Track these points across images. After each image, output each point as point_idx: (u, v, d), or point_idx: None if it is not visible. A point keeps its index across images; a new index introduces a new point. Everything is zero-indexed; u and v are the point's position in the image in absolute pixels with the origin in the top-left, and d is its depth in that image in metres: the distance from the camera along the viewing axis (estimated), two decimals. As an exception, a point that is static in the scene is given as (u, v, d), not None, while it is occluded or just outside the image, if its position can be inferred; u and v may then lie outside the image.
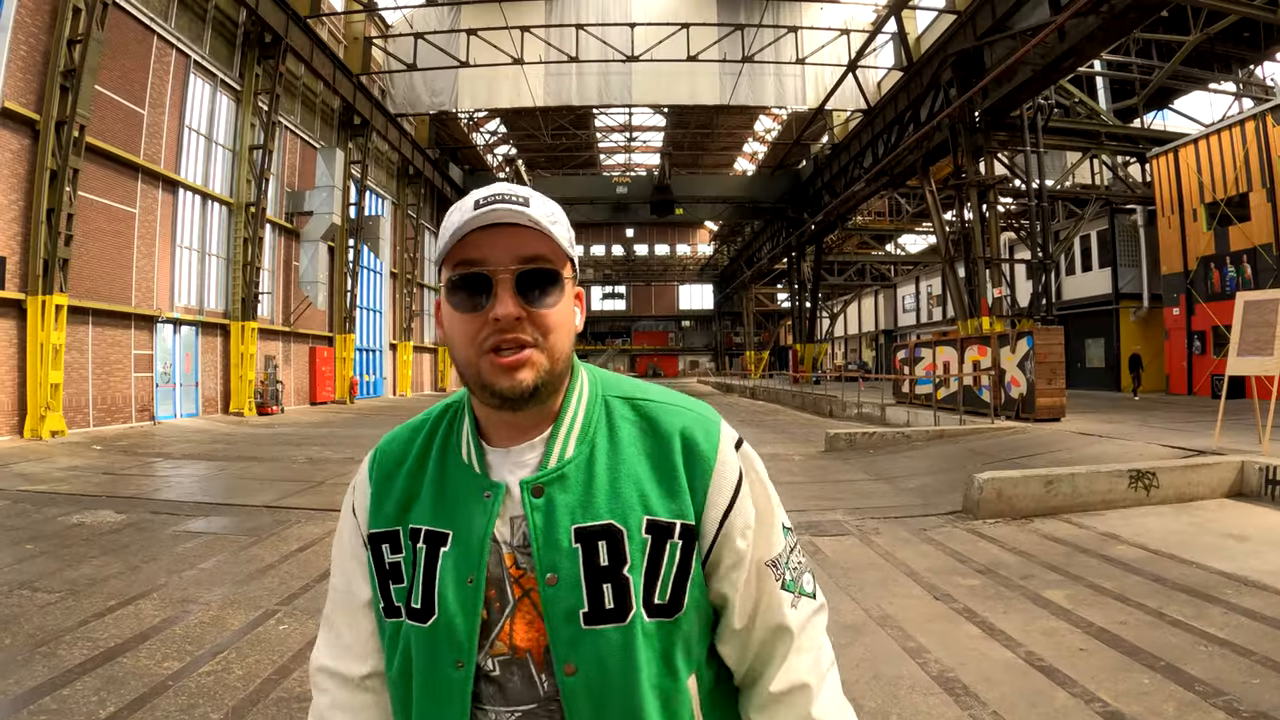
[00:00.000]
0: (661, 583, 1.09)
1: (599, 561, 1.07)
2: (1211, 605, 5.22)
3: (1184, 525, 7.69)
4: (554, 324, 1.10)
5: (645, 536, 1.09)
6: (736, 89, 35.02)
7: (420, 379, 44.72)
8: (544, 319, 1.09)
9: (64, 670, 4.29)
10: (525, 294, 1.07)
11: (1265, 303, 10.78)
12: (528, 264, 1.08)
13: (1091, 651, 4.48)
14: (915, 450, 14.02)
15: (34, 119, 16.08)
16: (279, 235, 28.12)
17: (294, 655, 4.55)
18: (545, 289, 1.09)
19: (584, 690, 1.05)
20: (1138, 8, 16.05)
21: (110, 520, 8.43)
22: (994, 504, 8.48)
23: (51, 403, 16.17)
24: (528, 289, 1.08)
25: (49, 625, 5.05)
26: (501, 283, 1.06)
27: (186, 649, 4.65)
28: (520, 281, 1.07)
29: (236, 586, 6.00)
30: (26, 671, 4.26)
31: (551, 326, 1.09)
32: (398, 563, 1.14)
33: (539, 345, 1.08)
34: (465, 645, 1.08)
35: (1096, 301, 31.24)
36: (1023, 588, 5.82)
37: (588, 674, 1.05)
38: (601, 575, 1.07)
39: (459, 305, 1.09)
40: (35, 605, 5.45)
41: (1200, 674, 4.10)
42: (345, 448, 15.83)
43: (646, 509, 1.10)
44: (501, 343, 1.06)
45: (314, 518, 8.73)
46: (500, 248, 1.07)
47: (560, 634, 1.06)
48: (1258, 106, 23.96)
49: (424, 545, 1.13)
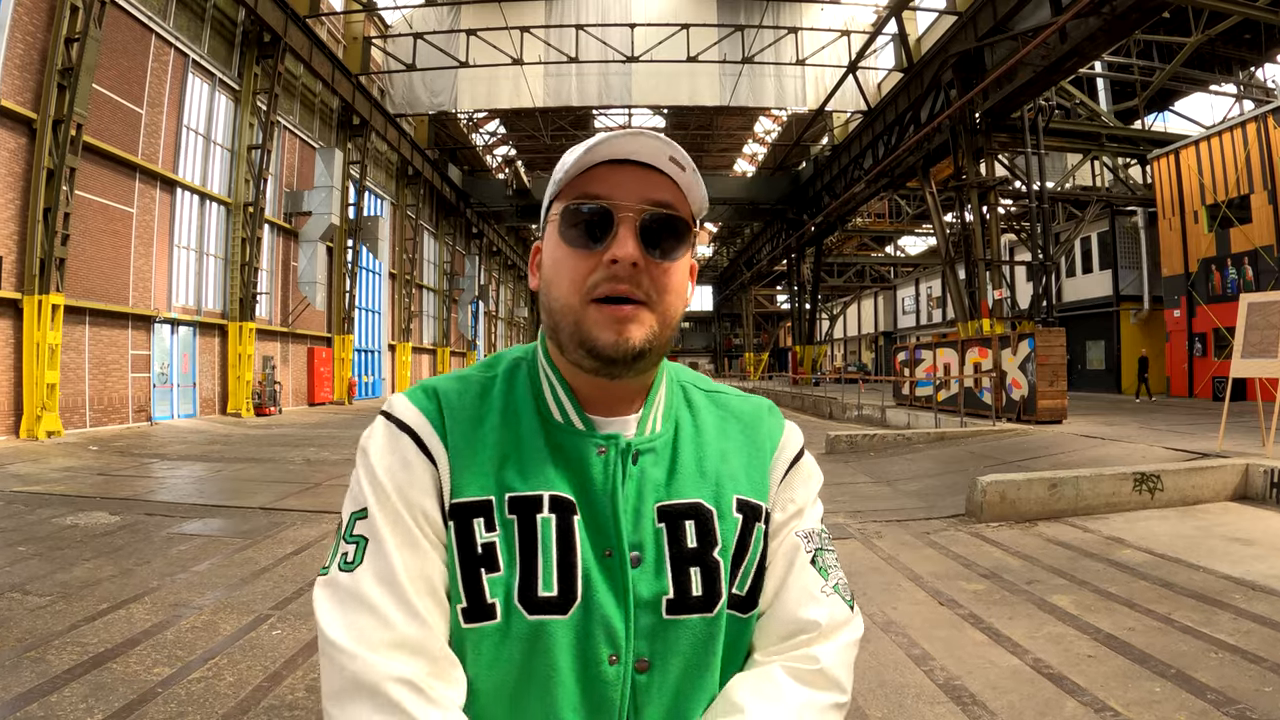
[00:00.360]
0: (743, 571, 1.01)
1: (686, 543, 0.99)
2: (1220, 611, 5.14)
3: (1189, 529, 7.62)
4: (673, 283, 0.99)
5: (737, 516, 1.02)
6: (736, 90, 34.96)
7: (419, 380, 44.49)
8: (664, 274, 0.97)
9: (52, 676, 4.21)
10: (648, 243, 0.96)
11: (1269, 304, 10.72)
12: (658, 208, 0.96)
13: (1100, 658, 4.40)
14: (916, 453, 13.94)
15: (31, 118, 16.00)
16: (277, 235, 28.03)
17: (286, 662, 4.46)
18: (672, 241, 0.98)
19: (657, 691, 0.96)
20: (1140, 9, 15.99)
21: (104, 522, 8.34)
22: (997, 507, 8.41)
23: (48, 403, 16.08)
24: (652, 238, 0.96)
25: (39, 629, 4.96)
26: (625, 221, 0.95)
27: (177, 655, 4.56)
28: (646, 228, 0.96)
29: (229, 590, 5.91)
30: (14, 677, 4.18)
31: (669, 285, 0.98)
32: (492, 544, 0.94)
33: (651, 304, 0.96)
34: (621, 634, 0.94)
35: (1097, 303, 31.19)
36: (1028, 592, 5.74)
37: (664, 672, 0.96)
38: (688, 558, 0.98)
39: (571, 239, 0.96)
40: (25, 609, 5.37)
41: (1211, 682, 4.02)
42: (343, 448, 15.74)
43: (735, 488, 1.04)
44: (613, 291, 0.94)
45: (309, 520, 8.64)
46: (629, 186, 0.96)
47: (640, 622, 0.95)
48: (1259, 108, 23.90)
49: (552, 515, 0.95)
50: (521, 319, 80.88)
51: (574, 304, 0.96)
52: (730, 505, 1.02)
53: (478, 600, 0.93)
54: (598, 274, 0.95)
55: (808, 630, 1.01)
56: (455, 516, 0.95)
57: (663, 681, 0.95)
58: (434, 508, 0.96)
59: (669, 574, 0.96)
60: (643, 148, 0.95)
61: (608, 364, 0.96)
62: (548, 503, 0.96)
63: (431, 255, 46.54)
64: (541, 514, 0.95)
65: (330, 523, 8.49)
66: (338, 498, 10.05)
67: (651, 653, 0.95)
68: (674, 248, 0.98)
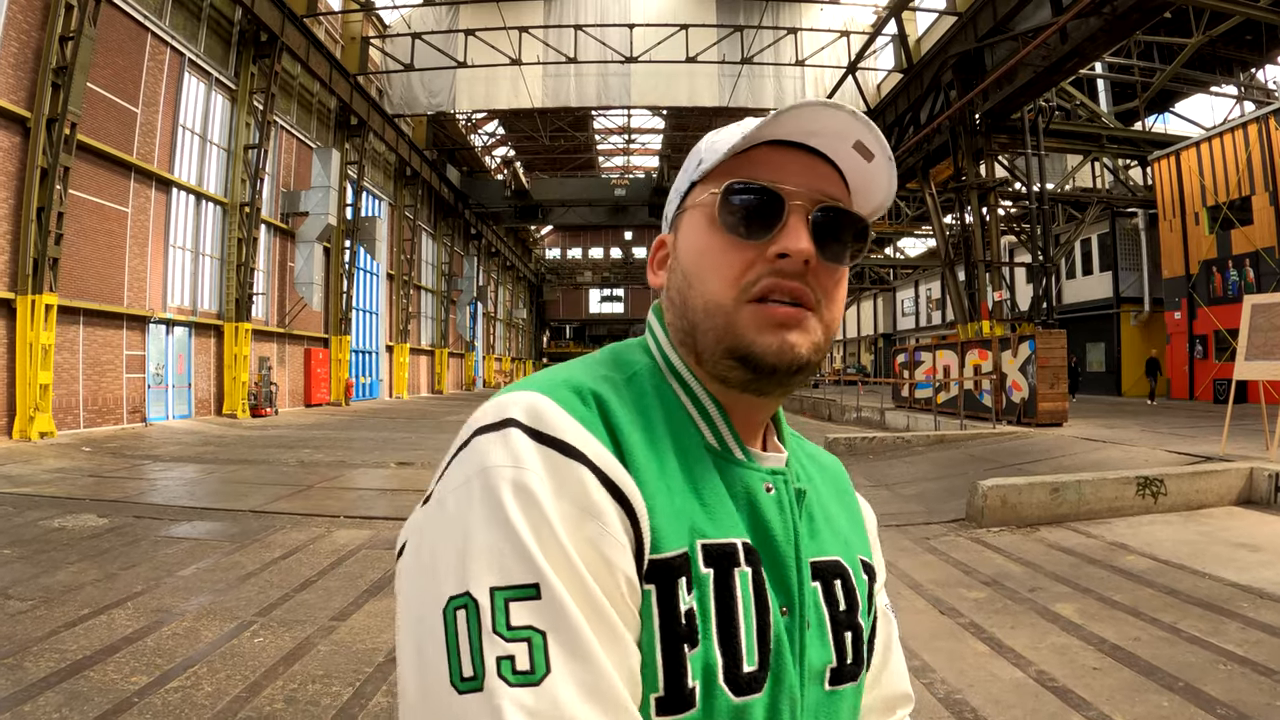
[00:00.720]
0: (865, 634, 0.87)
1: (839, 605, 0.84)
2: (1228, 620, 5.03)
3: (1194, 534, 7.51)
4: (839, 293, 0.83)
5: (864, 578, 0.89)
6: (736, 91, 34.84)
7: (417, 381, 44.47)
8: (832, 280, 0.82)
9: (28, 684, 4.09)
10: (820, 242, 0.79)
11: (1273, 306, 10.62)
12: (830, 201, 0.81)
13: (1105, 670, 4.28)
14: (916, 455, 13.83)
15: (25, 116, 15.88)
16: (274, 236, 27.91)
17: (266, 671, 4.33)
18: (844, 243, 0.82)
19: None
20: (1141, 9, 15.89)
21: (92, 525, 8.22)
22: (998, 511, 8.29)
23: (41, 403, 15.96)
24: (825, 236, 0.80)
25: (18, 635, 4.85)
26: (796, 210, 0.79)
27: (156, 663, 4.44)
28: (819, 223, 0.80)
29: (214, 595, 5.79)
30: (-13, 686, 4.07)
31: (836, 295, 0.82)
32: (691, 610, 0.71)
33: (818, 310, 0.80)
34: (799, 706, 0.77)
35: (1097, 305, 31.15)
36: (1031, 601, 5.62)
37: None
38: (843, 622, 0.83)
39: (730, 226, 0.79)
40: (6, 614, 5.26)
41: (1221, 695, 3.90)
42: (337, 450, 15.64)
43: (857, 547, 0.91)
44: (778, 289, 0.78)
45: (299, 523, 8.52)
46: (798, 173, 0.80)
47: (808, 698, 0.79)
48: (1260, 109, 23.83)
49: (748, 569, 0.75)
50: (520, 320, 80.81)
51: (725, 303, 0.79)
52: (858, 565, 0.89)
53: (678, 686, 0.70)
54: (758, 269, 0.79)
55: (905, 704, 0.96)
56: (655, 577, 0.71)
57: None
58: (634, 572, 0.69)
59: (831, 640, 0.82)
60: (828, 123, 0.79)
61: (765, 375, 0.79)
62: (742, 552, 0.76)
63: (429, 256, 46.43)
64: (739, 567, 0.75)
65: (320, 525, 8.38)
66: (329, 500, 10.03)
67: None
68: (842, 252, 0.82)
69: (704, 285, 0.81)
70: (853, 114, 0.78)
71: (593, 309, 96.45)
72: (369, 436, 18.82)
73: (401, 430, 20.81)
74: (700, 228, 0.82)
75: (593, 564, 0.65)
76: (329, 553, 7.17)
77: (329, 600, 5.72)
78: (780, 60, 33.57)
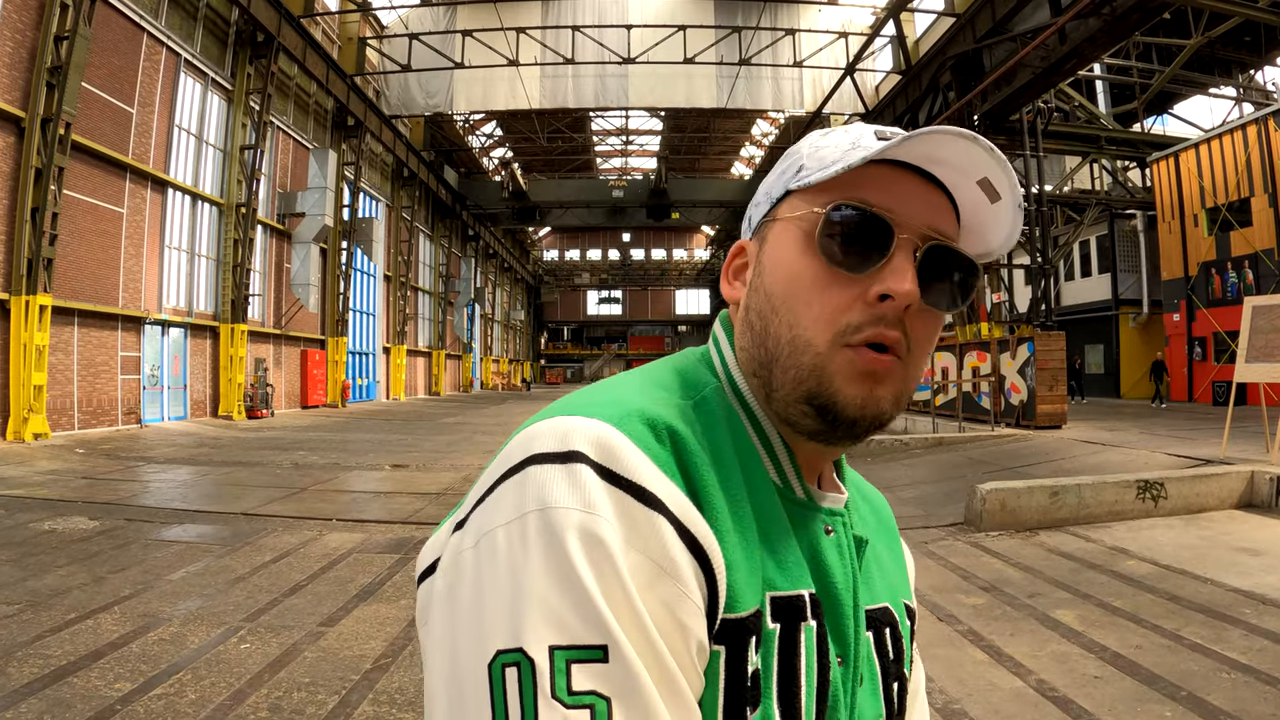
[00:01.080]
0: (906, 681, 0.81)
1: (889, 654, 0.78)
2: (1231, 627, 4.95)
3: (1195, 538, 7.43)
4: (932, 340, 0.74)
5: (908, 623, 0.82)
6: (734, 92, 34.83)
7: (414, 383, 44.41)
8: (930, 324, 0.73)
9: (10, 691, 4.02)
10: (923, 282, 0.70)
11: (1274, 308, 10.55)
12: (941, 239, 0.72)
13: (1107, 679, 4.20)
14: (913, 458, 13.77)
15: (19, 116, 15.83)
16: (270, 237, 27.84)
17: (251, 679, 4.25)
18: (952, 287, 0.73)
19: None
20: (1140, 9, 15.84)
21: (82, 528, 8.15)
22: (997, 515, 8.22)
23: (35, 405, 15.88)
24: (930, 276, 0.71)
25: (2, 640, 4.78)
26: (904, 246, 0.69)
27: (141, 669, 4.36)
28: (925, 262, 0.70)
29: (203, 600, 5.71)
30: (-32, 693, 3.99)
31: (929, 340, 0.73)
32: (756, 670, 0.64)
33: (907, 355, 0.71)
34: None
35: (1096, 307, 31.12)
36: (1030, 607, 5.54)
37: None
38: (892, 673, 0.78)
39: (830, 251, 0.70)
40: (-9, 619, 5.19)
41: (1225, 705, 3.82)
42: (332, 452, 15.57)
43: (902, 591, 0.85)
44: (879, 337, 0.68)
45: (291, 526, 8.45)
46: (912, 203, 0.71)
47: None
48: (1259, 111, 23.81)
49: (813, 622, 0.68)
50: (518, 322, 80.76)
51: (818, 343, 0.69)
52: (903, 610, 0.82)
53: None
54: (859, 311, 0.69)
55: None
56: (727, 638, 0.63)
57: None
58: (706, 636, 0.61)
59: (881, 692, 0.76)
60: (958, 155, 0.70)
61: (843, 428, 0.70)
62: (809, 605, 0.69)
63: (427, 257, 46.37)
64: (806, 621, 0.68)
65: (313, 529, 8.31)
66: (322, 503, 9.95)
67: None
68: (944, 296, 0.73)
69: (794, 316, 0.71)
70: (990, 149, 0.70)
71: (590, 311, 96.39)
72: (365, 438, 18.75)
73: (397, 432, 20.74)
74: (793, 246, 0.72)
75: (665, 628, 0.57)
76: (320, 556, 7.09)
77: (318, 605, 5.64)
78: (778, 61, 33.57)
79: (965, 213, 0.75)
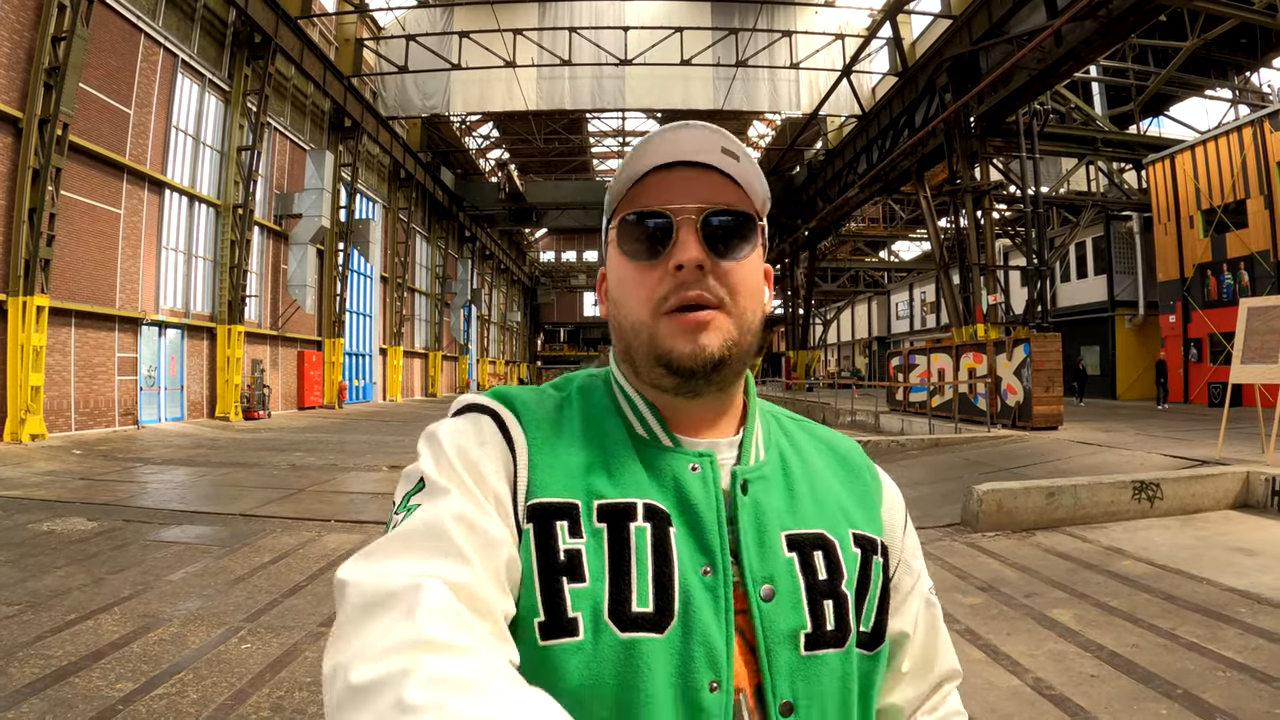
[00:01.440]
0: (867, 605, 0.92)
1: (817, 574, 0.89)
2: (1226, 626, 4.98)
3: (1190, 539, 7.47)
4: (744, 282, 0.91)
5: (855, 550, 0.94)
6: (730, 94, 34.89)
7: (410, 384, 44.40)
8: (733, 273, 0.90)
9: (11, 691, 4.03)
10: (712, 243, 0.89)
11: (1270, 309, 10.58)
12: (715, 206, 0.90)
13: (1103, 678, 4.23)
14: (910, 459, 13.81)
15: (17, 117, 15.83)
16: (267, 238, 27.82)
17: (253, 679, 4.27)
18: (736, 240, 0.91)
19: None
20: (1136, 11, 15.90)
21: (81, 528, 8.16)
22: (994, 516, 8.25)
23: (32, 406, 15.88)
24: (716, 238, 0.90)
25: (2, 641, 4.79)
26: (684, 224, 0.88)
27: (142, 669, 4.38)
28: (707, 229, 0.89)
29: (203, 601, 5.73)
30: (-30, 693, 4.00)
31: (741, 284, 0.91)
32: (577, 553, 0.83)
33: (725, 307, 0.89)
34: (723, 658, 0.82)
35: (1092, 309, 31.17)
36: (1027, 606, 5.57)
37: (809, 715, 0.85)
38: (822, 591, 0.89)
39: (631, 252, 0.91)
40: (-9, 620, 5.20)
41: (1220, 703, 3.85)
42: (329, 453, 15.57)
43: (850, 521, 0.96)
44: (684, 300, 0.88)
45: (290, 527, 8.46)
46: (684, 190, 0.90)
47: (778, 660, 0.84)
48: (1255, 113, 23.86)
49: (647, 524, 0.85)
50: (514, 323, 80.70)
51: (645, 319, 0.89)
52: (848, 539, 0.94)
53: (557, 614, 0.80)
54: (665, 285, 0.88)
55: (953, 678, 1.02)
56: (534, 518, 0.83)
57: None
58: (507, 496, 0.84)
59: (805, 607, 0.87)
60: (688, 142, 0.90)
61: (687, 377, 0.89)
62: (642, 511, 0.86)
63: (423, 259, 46.35)
64: (635, 522, 0.85)
65: (311, 530, 8.34)
66: (320, 504, 9.96)
67: (794, 694, 0.84)
68: (739, 245, 0.91)
69: (628, 308, 0.92)
70: (704, 126, 0.89)
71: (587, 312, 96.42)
72: (362, 439, 18.76)
73: (394, 433, 20.74)
74: (616, 258, 0.93)
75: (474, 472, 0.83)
76: (319, 557, 7.11)
77: (318, 606, 5.66)
78: (775, 63, 33.63)
79: (736, 176, 0.92)
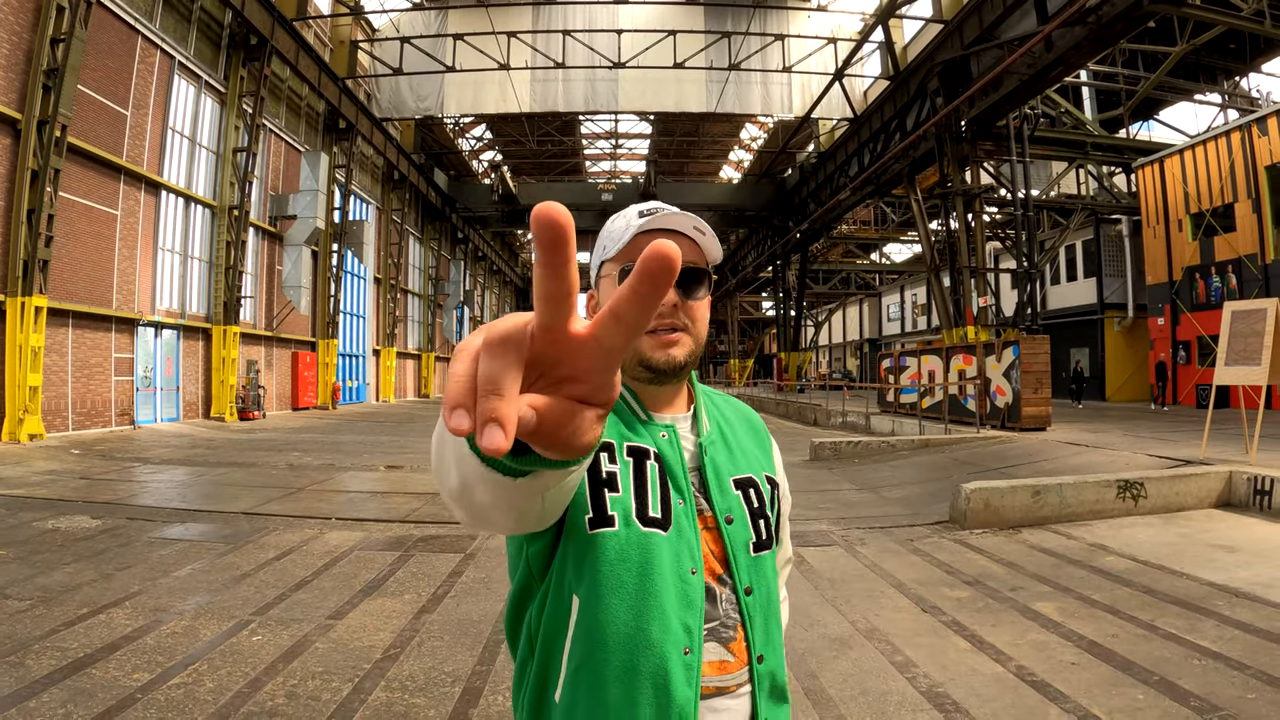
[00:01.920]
0: (775, 521, 1.42)
1: (753, 504, 1.37)
2: (1204, 618, 5.16)
3: (1173, 536, 7.65)
4: (700, 315, 1.35)
5: (767, 486, 1.42)
6: (723, 97, 35.05)
7: (404, 385, 44.45)
8: (694, 310, 1.33)
9: (31, 681, 4.16)
10: (681, 289, 1.30)
11: (1252, 312, 10.78)
12: (686, 264, 1.28)
13: (1083, 665, 4.41)
14: (900, 459, 13.97)
15: (16, 118, 15.89)
16: (262, 239, 27.87)
17: (266, 668, 4.42)
18: (696, 287, 1.33)
19: (758, 606, 1.32)
20: (1125, 18, 16.07)
21: (85, 526, 8.27)
22: (981, 514, 8.42)
23: (30, 405, 15.95)
24: (684, 285, 1.31)
25: (18, 634, 4.91)
26: None
27: (157, 660, 4.52)
28: (680, 278, 1.28)
29: (211, 595, 5.86)
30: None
31: (698, 317, 1.35)
32: (614, 473, 1.26)
33: (688, 330, 1.33)
34: (698, 555, 1.27)
35: (1081, 311, 31.34)
36: (1012, 600, 5.74)
37: (759, 593, 1.32)
38: (756, 514, 1.36)
39: None
40: (5, 613, 5.31)
41: (1195, 689, 4.03)
42: (326, 453, 15.66)
43: (762, 467, 1.45)
44: (659, 324, 1.30)
45: (292, 525, 8.59)
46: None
47: (739, 560, 1.31)
48: (1243, 117, 24.09)
49: (656, 463, 1.30)
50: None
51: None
52: (763, 479, 1.42)
53: (601, 511, 1.22)
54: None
55: (792, 560, 1.63)
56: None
57: (761, 599, 1.32)
58: None
59: (750, 526, 1.34)
60: (673, 223, 1.31)
61: (660, 375, 1.33)
62: (653, 453, 1.30)
63: (417, 260, 46.38)
64: (650, 460, 1.29)
65: (313, 528, 8.46)
66: (320, 502, 10.09)
67: (751, 581, 1.31)
68: (698, 290, 1.33)
69: None
70: (687, 215, 1.30)
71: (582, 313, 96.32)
72: (357, 440, 18.84)
73: (389, 434, 20.84)
74: (611, 291, 1.31)
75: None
76: (322, 554, 7.24)
77: (325, 600, 5.80)
78: (768, 66, 33.75)
79: (701, 245, 1.34)
